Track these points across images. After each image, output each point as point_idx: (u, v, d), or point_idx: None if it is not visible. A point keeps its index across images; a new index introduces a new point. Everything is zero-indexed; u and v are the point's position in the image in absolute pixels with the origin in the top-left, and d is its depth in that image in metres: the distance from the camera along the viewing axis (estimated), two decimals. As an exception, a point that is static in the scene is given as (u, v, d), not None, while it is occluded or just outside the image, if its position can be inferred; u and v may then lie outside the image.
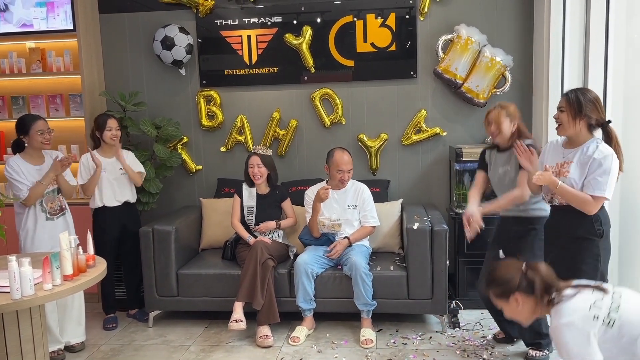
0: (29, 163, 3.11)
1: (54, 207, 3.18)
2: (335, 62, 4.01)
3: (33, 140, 3.10)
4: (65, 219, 3.25)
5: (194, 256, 3.82)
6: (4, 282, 2.12)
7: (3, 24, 3.99)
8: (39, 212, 3.12)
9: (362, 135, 4.02)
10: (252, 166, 3.59)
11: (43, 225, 3.12)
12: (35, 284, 2.13)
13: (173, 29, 3.92)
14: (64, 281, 2.26)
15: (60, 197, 3.24)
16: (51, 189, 3.15)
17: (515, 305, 1.91)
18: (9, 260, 2.06)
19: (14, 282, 2.04)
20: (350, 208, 3.57)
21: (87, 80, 3.94)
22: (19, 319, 2.22)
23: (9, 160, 3.09)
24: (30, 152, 3.14)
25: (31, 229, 3.10)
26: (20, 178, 3.04)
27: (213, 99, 4.12)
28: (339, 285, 3.38)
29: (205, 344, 3.33)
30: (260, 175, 3.60)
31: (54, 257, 2.21)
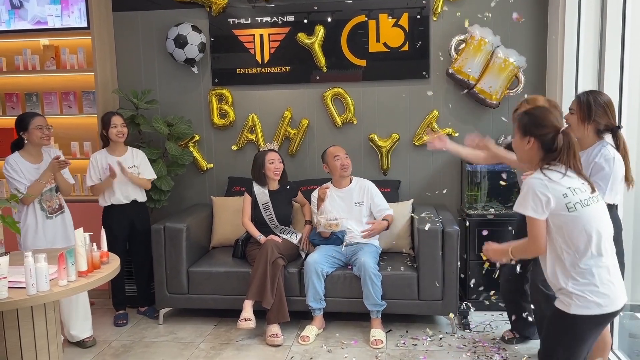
0: (28, 161, 3.12)
1: (52, 206, 3.19)
2: (347, 61, 4.01)
3: (32, 136, 3.10)
4: (63, 217, 3.26)
5: (205, 254, 3.83)
6: (20, 278, 2.14)
7: (18, 20, 4.02)
8: (38, 210, 3.13)
9: (374, 135, 4.01)
10: (272, 161, 3.60)
11: (43, 223, 3.14)
12: (50, 279, 2.14)
13: (186, 27, 3.93)
14: (79, 277, 2.27)
15: (58, 195, 3.25)
16: (49, 187, 3.16)
17: (525, 144, 2.01)
18: (25, 256, 2.07)
19: (30, 278, 2.05)
20: (357, 205, 3.57)
21: (100, 78, 3.97)
22: (34, 315, 2.24)
23: (7, 159, 3.09)
24: (29, 150, 3.14)
25: (32, 227, 3.12)
26: (18, 177, 3.05)
27: (225, 97, 4.13)
28: (349, 285, 3.38)
29: (215, 341, 3.34)
30: (280, 172, 3.62)
31: (69, 253, 2.22)
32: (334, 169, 3.57)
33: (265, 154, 3.65)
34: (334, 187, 3.62)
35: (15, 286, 2.12)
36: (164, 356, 3.16)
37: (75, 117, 4.14)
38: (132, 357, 3.16)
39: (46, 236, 3.15)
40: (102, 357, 3.18)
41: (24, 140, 3.14)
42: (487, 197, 3.75)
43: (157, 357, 3.15)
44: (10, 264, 2.12)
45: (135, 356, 3.17)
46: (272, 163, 3.61)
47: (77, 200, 3.82)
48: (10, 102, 4.16)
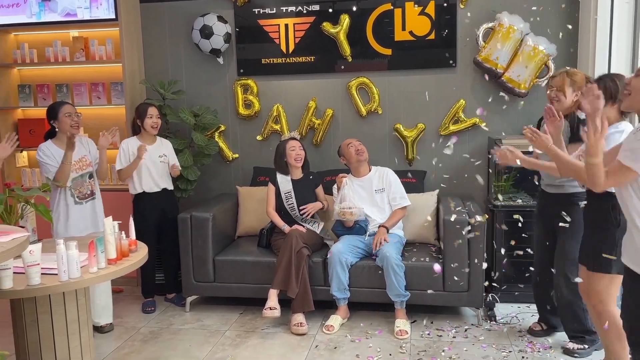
0: (60, 148, 3.20)
1: (82, 192, 3.26)
2: (372, 50, 3.97)
3: (62, 123, 3.19)
4: (94, 203, 3.33)
5: (230, 243, 3.87)
6: (52, 265, 2.19)
7: (48, 13, 4.09)
8: (68, 196, 3.22)
9: (399, 125, 3.98)
10: (293, 149, 3.62)
11: (72, 209, 3.22)
12: (81, 266, 2.19)
13: (212, 17, 3.94)
14: (108, 265, 2.32)
15: (91, 181, 3.32)
16: (80, 173, 3.23)
17: None
18: (57, 244, 2.12)
19: (62, 265, 2.10)
20: (378, 192, 3.56)
21: (128, 69, 4.02)
22: (65, 301, 2.29)
23: (40, 146, 3.20)
24: (61, 138, 3.23)
25: (63, 213, 3.21)
26: (50, 161, 3.14)
27: (250, 87, 4.14)
28: (373, 275, 3.38)
29: (241, 329, 3.38)
30: (301, 158, 3.63)
31: (99, 241, 2.27)
32: (349, 156, 3.58)
33: (286, 142, 3.68)
34: (354, 177, 3.61)
35: (48, 272, 2.18)
36: (191, 343, 3.21)
37: (104, 107, 4.21)
38: (160, 344, 3.22)
39: (75, 221, 3.23)
40: (131, 343, 3.25)
41: (56, 129, 3.21)
42: (514, 188, 3.69)
43: (184, 343, 3.21)
44: (43, 251, 2.18)
45: (163, 342, 3.23)
46: (293, 150, 3.63)
47: (107, 189, 3.90)
48: (41, 94, 4.25)
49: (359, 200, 3.52)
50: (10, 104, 4.28)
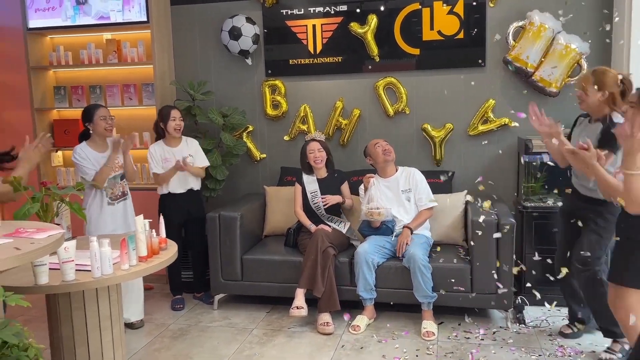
0: (94, 150, 3.28)
1: (115, 193, 3.34)
2: (400, 50, 3.96)
3: (97, 126, 3.27)
4: (125, 204, 3.41)
5: (258, 242, 3.91)
6: (86, 261, 2.25)
7: (82, 16, 4.20)
8: (102, 196, 3.30)
9: (427, 125, 3.95)
10: (312, 151, 3.65)
11: (105, 209, 3.31)
12: (113, 263, 2.25)
13: (240, 19, 3.99)
14: (139, 262, 2.37)
15: (122, 183, 3.40)
16: (113, 175, 3.31)
17: None
18: (91, 241, 2.18)
19: (95, 261, 2.16)
20: (404, 193, 3.55)
21: (159, 70, 4.10)
22: (98, 297, 2.35)
23: (75, 148, 3.29)
24: (95, 140, 3.31)
25: (95, 212, 3.29)
26: (86, 163, 3.23)
27: (278, 88, 4.18)
28: (400, 275, 3.36)
29: (268, 328, 3.41)
30: (321, 160, 3.65)
31: (130, 239, 2.32)
32: (376, 156, 3.57)
33: (306, 144, 3.72)
34: (380, 177, 3.61)
35: (82, 269, 2.24)
36: (219, 341, 3.26)
37: (135, 108, 4.30)
38: (189, 341, 3.27)
39: (107, 221, 3.31)
40: (161, 339, 3.31)
41: (90, 131, 3.30)
42: (545, 189, 3.63)
43: (212, 341, 3.25)
44: (77, 249, 2.24)
45: (192, 340, 3.29)
46: (312, 153, 3.66)
47: (137, 188, 3.98)
48: (76, 95, 4.37)
49: (385, 200, 3.51)
50: (46, 105, 4.41)
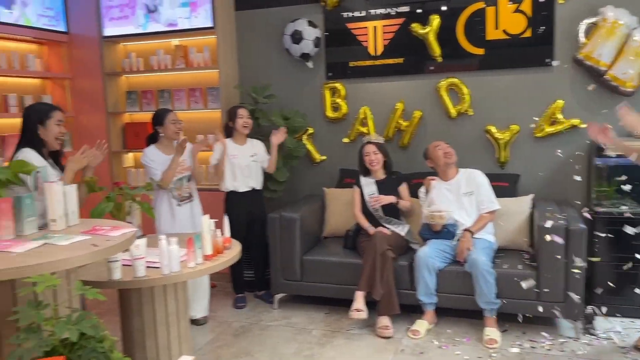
0: (162, 153, 3.42)
1: (181, 194, 3.46)
2: (463, 51, 3.88)
3: (167, 129, 3.40)
4: (191, 206, 3.52)
5: (317, 243, 3.94)
6: (155, 259, 2.36)
7: (153, 23, 4.39)
8: (169, 198, 3.43)
9: (491, 126, 3.85)
10: (367, 154, 3.64)
11: (172, 210, 3.43)
12: (180, 261, 2.34)
13: (302, 23, 4.04)
14: (205, 260, 2.45)
15: (189, 184, 3.52)
16: (179, 177, 3.43)
17: None
18: (160, 239, 2.28)
19: (164, 259, 2.26)
20: (465, 195, 3.47)
21: (223, 75, 4.22)
22: (166, 293, 2.46)
23: (145, 150, 3.44)
24: (164, 143, 3.45)
25: (164, 213, 3.42)
26: (154, 165, 3.37)
27: (338, 90, 4.20)
28: (462, 281, 3.29)
29: (327, 329, 3.43)
30: (377, 162, 3.64)
31: (196, 238, 2.41)
32: (437, 158, 3.51)
33: (362, 147, 3.72)
34: (441, 181, 3.55)
35: (151, 266, 2.34)
36: (279, 339, 3.31)
37: (201, 111, 4.45)
38: (250, 338, 3.35)
39: (175, 222, 3.44)
40: (223, 336, 3.41)
41: (159, 134, 3.45)
42: (618, 194, 3.44)
43: (273, 340, 3.31)
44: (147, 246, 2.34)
45: (253, 337, 3.36)
46: (368, 155, 3.66)
47: (203, 189, 4.11)
48: (145, 99, 4.58)
49: (447, 203, 3.45)
50: (118, 109, 4.65)
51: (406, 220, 3.76)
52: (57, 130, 2.65)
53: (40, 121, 2.62)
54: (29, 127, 2.62)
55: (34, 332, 1.55)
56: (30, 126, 2.62)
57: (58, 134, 2.65)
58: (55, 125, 2.64)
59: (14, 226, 1.92)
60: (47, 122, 2.62)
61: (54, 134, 2.64)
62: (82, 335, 1.56)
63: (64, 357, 1.49)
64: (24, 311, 1.56)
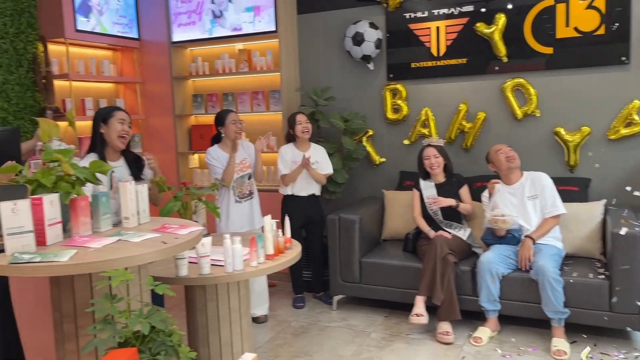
0: (225, 152, 3.52)
1: (242, 192, 3.55)
2: (530, 50, 3.74)
3: (228, 130, 3.49)
4: (251, 203, 3.60)
5: (376, 246, 3.93)
6: (219, 257, 2.43)
7: (218, 28, 4.53)
8: (231, 195, 3.52)
9: (560, 128, 3.70)
10: (428, 157, 3.59)
11: (233, 207, 3.52)
12: (243, 260, 2.40)
13: (363, 24, 4.04)
14: (266, 260, 2.50)
15: (250, 182, 3.60)
16: (241, 174, 3.52)
17: None
18: (224, 238, 2.34)
19: (228, 257, 2.32)
20: (530, 199, 3.35)
21: (285, 77, 4.29)
22: (229, 291, 2.52)
23: (208, 150, 3.55)
24: (226, 142, 3.54)
25: (225, 210, 3.51)
26: (217, 163, 3.47)
27: (399, 92, 4.16)
28: (527, 288, 3.18)
29: (386, 332, 3.41)
30: (438, 166, 3.59)
31: (259, 237, 2.46)
32: (499, 163, 3.41)
33: (422, 150, 3.67)
34: (504, 185, 3.44)
35: (216, 264, 2.41)
36: (338, 341, 3.32)
37: (263, 114, 4.54)
38: (309, 338, 3.38)
39: (235, 219, 3.53)
40: (283, 335, 3.46)
41: (221, 134, 3.55)
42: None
43: (331, 341, 3.33)
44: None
45: (312, 338, 3.39)
46: (428, 159, 3.61)
47: (262, 189, 4.19)
48: (210, 102, 4.73)
49: (511, 208, 3.35)
50: (185, 111, 4.83)
51: (468, 224, 3.68)
52: (119, 127, 2.69)
53: (103, 120, 2.70)
54: (95, 128, 2.73)
55: (109, 324, 1.64)
56: (96, 127, 2.72)
57: (120, 131, 2.70)
58: (117, 123, 2.70)
59: (91, 223, 2.03)
60: (109, 121, 2.69)
61: (116, 132, 2.69)
62: (153, 328, 1.64)
63: (135, 349, 1.57)
64: (100, 303, 1.65)
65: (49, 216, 1.82)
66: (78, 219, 1.96)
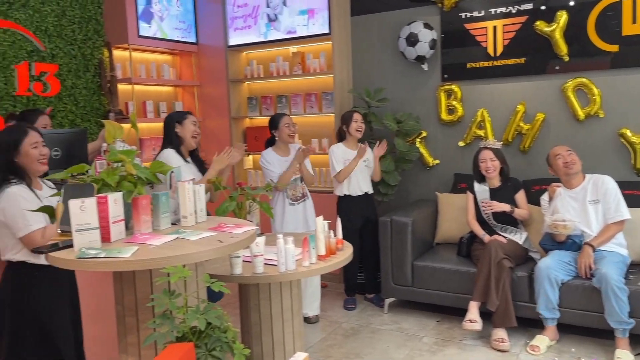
0: (278, 155, 3.57)
1: (296, 194, 3.59)
2: (593, 48, 3.59)
3: (282, 133, 3.54)
4: (305, 205, 3.64)
5: (429, 249, 3.87)
6: (272, 257, 2.47)
7: (273, 32, 4.61)
8: (284, 197, 3.57)
9: (625, 129, 3.52)
10: (484, 161, 3.51)
11: (287, 209, 3.57)
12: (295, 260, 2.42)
13: (418, 25, 4.00)
14: (318, 260, 2.52)
15: (302, 185, 3.64)
16: (294, 178, 3.56)
17: None
18: (277, 238, 2.38)
19: (281, 257, 2.36)
20: (592, 204, 3.21)
21: (338, 79, 4.31)
22: (282, 290, 2.56)
23: (262, 153, 3.62)
24: (279, 146, 3.60)
25: (279, 212, 3.57)
26: (271, 167, 3.53)
27: (454, 93, 4.09)
28: (588, 296, 3.05)
29: (438, 337, 3.36)
30: (494, 169, 3.50)
31: (311, 238, 2.48)
32: (557, 168, 3.29)
33: (478, 152, 3.58)
34: (565, 188, 3.31)
35: (269, 263, 2.46)
36: (389, 344, 3.30)
37: (315, 116, 4.58)
38: (360, 340, 3.38)
39: (289, 221, 3.58)
40: (334, 336, 3.47)
41: (275, 137, 3.61)
42: None
43: (383, 344, 3.31)
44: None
45: (363, 340, 3.38)
46: (484, 162, 3.52)
47: (315, 191, 4.23)
48: (265, 104, 4.81)
49: (572, 212, 3.22)
50: (241, 114, 4.93)
51: (525, 228, 3.57)
52: (192, 128, 3.04)
53: (178, 121, 3.03)
54: (169, 128, 3.04)
55: (168, 319, 1.70)
56: (171, 127, 3.03)
57: (193, 132, 3.04)
58: (190, 124, 3.04)
59: (151, 221, 2.12)
60: (184, 122, 3.03)
61: (190, 132, 3.02)
62: (209, 324, 1.68)
63: (192, 344, 1.62)
64: (159, 298, 1.72)
65: (113, 214, 1.91)
66: (139, 217, 2.04)
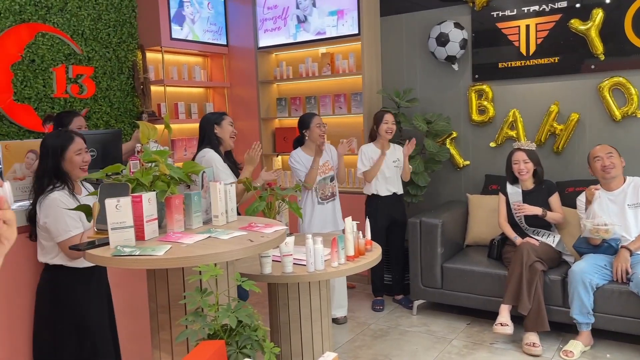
0: (307, 155, 3.58)
1: (325, 193, 3.59)
2: (631, 46, 3.50)
3: (313, 133, 3.56)
4: (334, 204, 3.64)
5: (459, 251, 3.83)
6: (301, 256, 2.48)
7: (303, 33, 4.63)
8: (314, 196, 3.57)
9: (664, 130, 3.42)
10: (517, 162, 3.44)
11: (316, 208, 3.58)
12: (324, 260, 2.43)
13: (448, 25, 3.96)
14: (347, 261, 2.52)
15: (332, 184, 3.64)
16: (323, 176, 3.56)
17: None
18: (307, 238, 2.39)
19: (310, 257, 2.37)
20: (631, 207, 3.12)
21: (367, 80, 4.30)
22: (310, 290, 2.57)
23: (292, 153, 3.64)
24: (309, 145, 3.60)
25: (308, 211, 3.58)
26: (300, 166, 3.54)
27: (485, 93, 4.04)
28: (625, 301, 2.97)
29: (468, 340, 3.32)
30: (527, 171, 3.43)
31: (340, 238, 2.49)
32: (596, 171, 3.21)
33: (512, 154, 3.52)
34: (604, 190, 3.22)
35: (298, 263, 2.47)
36: (418, 346, 3.28)
37: (344, 116, 4.58)
38: (389, 342, 3.36)
39: (318, 220, 3.59)
40: (362, 337, 3.46)
41: (305, 137, 3.62)
42: None
43: (411, 346, 3.29)
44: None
45: (391, 342, 3.37)
46: (517, 163, 3.45)
47: (344, 191, 4.23)
48: (294, 105, 4.84)
49: (612, 216, 3.13)
50: (270, 115, 4.97)
51: (558, 231, 3.49)
52: (230, 129, 3.13)
53: (217, 122, 3.11)
54: (208, 129, 3.11)
55: (200, 316, 1.73)
56: (209, 128, 3.10)
57: (231, 132, 3.13)
58: (228, 125, 3.13)
59: (184, 220, 2.15)
60: (222, 123, 3.11)
61: (228, 133, 3.12)
62: (240, 322, 1.71)
63: (223, 342, 1.64)
64: (191, 296, 1.75)
65: (147, 213, 1.95)
66: (172, 216, 2.08)
